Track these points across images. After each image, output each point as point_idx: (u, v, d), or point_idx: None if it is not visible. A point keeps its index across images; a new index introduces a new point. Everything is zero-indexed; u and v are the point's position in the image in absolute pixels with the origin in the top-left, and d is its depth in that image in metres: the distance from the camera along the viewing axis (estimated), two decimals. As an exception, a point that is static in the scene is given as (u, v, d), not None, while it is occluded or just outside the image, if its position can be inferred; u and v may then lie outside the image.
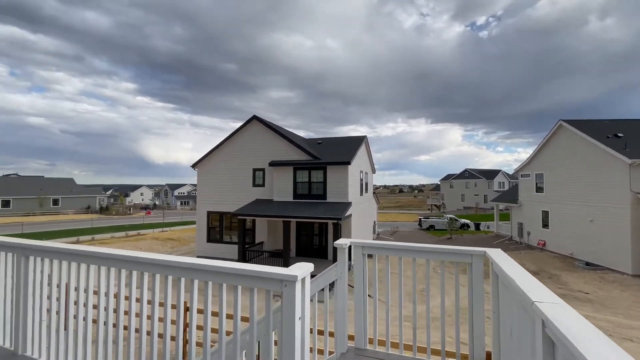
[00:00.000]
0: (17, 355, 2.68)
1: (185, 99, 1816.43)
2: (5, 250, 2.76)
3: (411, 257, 2.79)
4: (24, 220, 39.53)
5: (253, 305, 1.96)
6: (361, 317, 2.92)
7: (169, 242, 26.76)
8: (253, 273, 1.88)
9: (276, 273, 1.82)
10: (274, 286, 1.86)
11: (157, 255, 2.22)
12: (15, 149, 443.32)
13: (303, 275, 1.87)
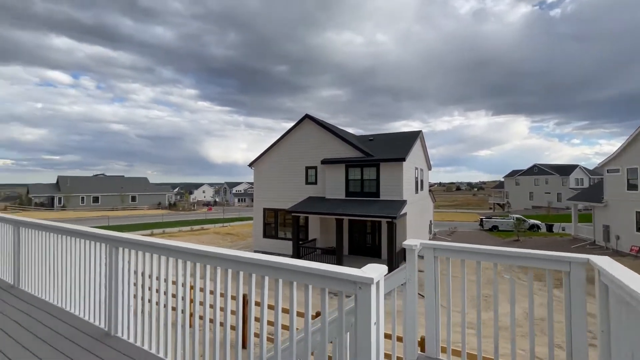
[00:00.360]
0: (110, 335, 2.98)
1: (241, 102, 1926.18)
2: (100, 241, 3.09)
3: (492, 261, 2.50)
4: (109, 214, 45.35)
5: (324, 306, 1.90)
6: (433, 323, 2.70)
7: (228, 236, 28.54)
8: (325, 273, 1.81)
9: (350, 274, 1.73)
10: (347, 288, 1.77)
11: (231, 251, 2.27)
12: (102, 152, 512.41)
13: (378, 278, 1.75)
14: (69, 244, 3.48)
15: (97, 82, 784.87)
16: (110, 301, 2.98)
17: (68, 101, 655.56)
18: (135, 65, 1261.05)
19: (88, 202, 57.96)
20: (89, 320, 3.24)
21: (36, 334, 3.02)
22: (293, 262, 1.95)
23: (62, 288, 3.61)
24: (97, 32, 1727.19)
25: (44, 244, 3.84)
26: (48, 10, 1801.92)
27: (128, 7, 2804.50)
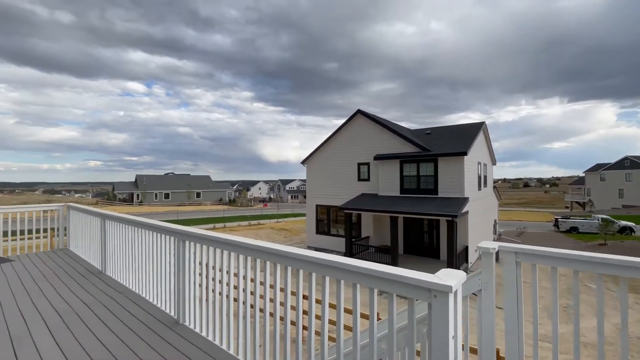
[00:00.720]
0: (179, 323, 3.16)
1: (293, 101, 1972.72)
2: (169, 235, 3.29)
3: (597, 271, 2.07)
4: (178, 209, 50.02)
5: (392, 312, 1.72)
6: (515, 339, 2.35)
7: (282, 231, 29.51)
8: (394, 277, 1.63)
9: (424, 280, 1.53)
10: (420, 295, 1.57)
11: (291, 248, 2.21)
12: (171, 153, 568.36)
13: (457, 286, 1.52)
14: (144, 236, 3.78)
15: (166, 89, 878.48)
16: (179, 291, 3.15)
17: (143, 108, 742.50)
18: (198, 72, 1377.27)
19: (160, 198, 64.63)
20: (162, 308, 3.48)
21: (119, 317, 3.33)
22: (358, 263, 1.80)
23: (139, 276, 3.94)
24: (166, 44, 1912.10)
25: (124, 236, 4.24)
26: (126, 28, 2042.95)
27: (191, 19, 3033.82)
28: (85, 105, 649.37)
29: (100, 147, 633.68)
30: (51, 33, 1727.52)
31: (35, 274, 4.85)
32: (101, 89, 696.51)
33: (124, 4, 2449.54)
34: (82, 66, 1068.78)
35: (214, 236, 2.78)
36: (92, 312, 3.47)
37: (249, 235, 26.49)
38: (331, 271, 1.92)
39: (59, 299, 3.84)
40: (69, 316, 3.37)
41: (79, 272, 4.91)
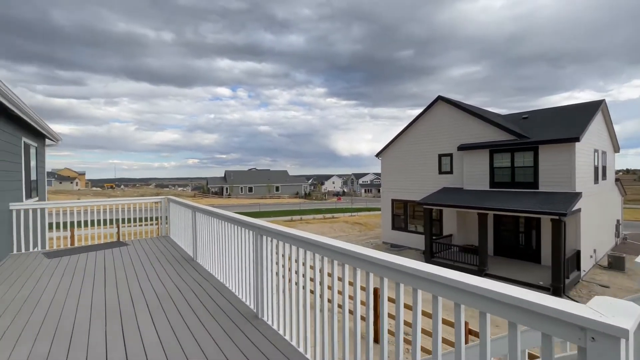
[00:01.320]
0: (257, 317, 3.15)
1: (365, 94, 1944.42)
2: (248, 229, 3.30)
3: None
4: (260, 202, 54.05)
5: (516, 349, 1.28)
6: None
7: (356, 225, 29.32)
8: (520, 303, 1.19)
9: (574, 314, 1.06)
10: (564, 333, 1.10)
11: (376, 253, 1.91)
12: (254, 150, 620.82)
13: (634, 327, 1.01)
14: (226, 228, 3.92)
15: (248, 92, 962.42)
16: (258, 285, 3.14)
17: (229, 110, 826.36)
18: (275, 73, 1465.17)
19: (245, 191, 70.87)
20: (243, 300, 3.55)
21: (205, 305, 3.50)
22: (463, 278, 1.40)
23: (223, 266, 4.12)
24: (247, 50, 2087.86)
25: (211, 227, 4.49)
26: (214, 39, 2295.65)
27: (268, 24, 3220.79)
28: (184, 110, 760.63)
29: (197, 146, 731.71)
30: (158, 51, 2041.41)
31: (143, 258, 5.55)
32: (196, 95, 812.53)
33: (212, 18, 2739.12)
34: (181, 77, 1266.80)
35: (290, 233, 2.64)
36: (183, 297, 3.74)
37: (324, 228, 26.99)
38: (425, 284, 1.55)
39: (159, 283, 4.26)
40: (165, 299, 3.68)
41: (176, 259, 5.45)
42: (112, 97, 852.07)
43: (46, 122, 7.74)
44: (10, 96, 4.89)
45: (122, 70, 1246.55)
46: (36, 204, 6.32)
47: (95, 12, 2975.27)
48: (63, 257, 5.61)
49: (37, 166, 8.54)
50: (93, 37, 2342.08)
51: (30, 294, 3.88)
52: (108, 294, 3.87)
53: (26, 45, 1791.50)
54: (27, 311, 3.39)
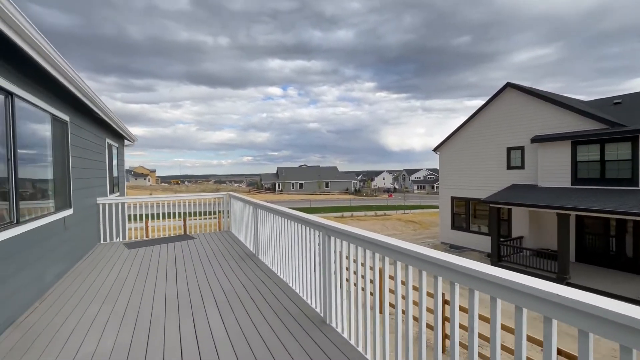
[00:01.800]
0: (325, 322, 2.97)
1: (417, 86, 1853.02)
2: (315, 228, 3.13)
3: None
4: (310, 198, 54.82)
5: None
6: None
7: (410, 224, 28.14)
8: None
9: None
10: None
11: (454, 258, 1.60)
12: (304, 147, 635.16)
13: None
14: (289, 226, 3.81)
15: (298, 90, 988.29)
16: (325, 288, 2.96)
17: (280, 109, 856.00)
18: (324, 70, 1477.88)
19: (296, 187, 72.55)
20: (308, 302, 3.41)
21: (271, 305, 3.43)
22: (566, 291, 1.04)
23: (286, 265, 4.04)
24: (297, 49, 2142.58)
25: (273, 224, 4.45)
26: (266, 40, 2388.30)
27: (316, 21, 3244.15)
28: (239, 111, 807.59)
29: (251, 144, 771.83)
30: (215, 56, 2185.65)
31: (209, 252, 5.76)
32: (249, 96, 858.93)
33: (263, 20, 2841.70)
34: (236, 79, 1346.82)
35: (362, 235, 2.40)
36: (248, 295, 3.72)
37: (376, 226, 26.37)
38: (508, 294, 1.23)
39: (224, 278, 4.34)
40: (232, 296, 3.70)
41: (238, 254, 5.56)
42: (176, 101, 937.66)
43: (124, 124, 8.52)
44: (98, 103, 5.37)
45: (184, 75, 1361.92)
46: (118, 199, 6.97)
47: (162, 25, 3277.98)
48: (140, 248, 6.07)
49: (118, 164, 9.48)
50: (161, 47, 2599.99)
51: (114, 282, 4.20)
52: (179, 286, 4.02)
53: (108, 58, 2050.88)
54: (111, 299, 3.64)
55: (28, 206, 3.59)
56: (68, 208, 4.77)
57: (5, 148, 3.11)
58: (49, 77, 3.67)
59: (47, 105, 4.05)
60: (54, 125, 4.34)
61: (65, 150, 4.76)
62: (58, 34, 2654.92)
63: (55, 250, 4.23)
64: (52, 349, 2.61)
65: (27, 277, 3.41)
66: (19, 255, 3.26)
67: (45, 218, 3.92)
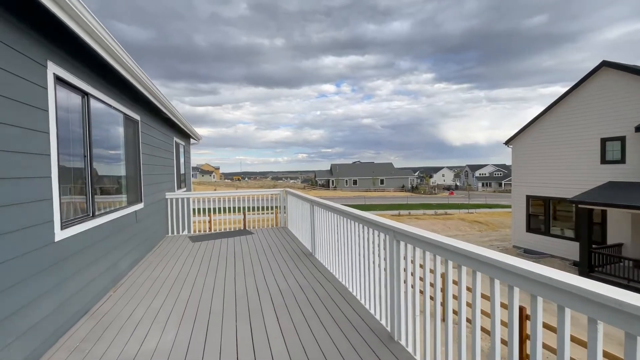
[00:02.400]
0: (393, 340, 2.58)
1: (481, 75, 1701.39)
2: (380, 230, 2.75)
3: None
4: (364, 195, 53.97)
5: None
6: None
7: (475, 224, 25.87)
8: None
9: None
10: None
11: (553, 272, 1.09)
12: (357, 143, 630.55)
13: None
14: (350, 226, 3.48)
15: (351, 86, 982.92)
16: (392, 300, 2.57)
17: (334, 106, 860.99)
18: (378, 64, 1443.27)
19: (350, 184, 72.10)
20: (372, 313, 3.04)
21: (330, 311, 3.14)
22: None
23: (346, 268, 3.72)
24: (351, 45, 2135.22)
25: (331, 223, 4.16)
26: (319, 38, 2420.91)
27: (371, 14, 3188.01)
28: (294, 109, 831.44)
29: (305, 142, 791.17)
30: (272, 57, 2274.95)
31: (266, 248, 5.72)
32: (304, 94, 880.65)
33: (317, 18, 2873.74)
34: (291, 79, 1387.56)
35: (443, 243, 1.95)
36: (305, 297, 3.49)
37: (436, 226, 24.77)
38: None
39: (281, 277, 4.18)
40: (289, 297, 3.51)
41: (295, 252, 5.41)
42: (237, 102, 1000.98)
43: (190, 124, 9.01)
44: (165, 103, 5.64)
45: (244, 78, 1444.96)
46: (184, 194, 7.35)
47: (224, 32, 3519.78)
48: (203, 242, 6.29)
49: (185, 161, 10.12)
50: (223, 52, 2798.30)
51: (178, 276, 4.31)
52: (237, 284, 3.95)
53: (178, 65, 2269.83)
54: (174, 293, 3.70)
55: (103, 200, 3.81)
56: (139, 202, 5.07)
57: (81, 146, 3.29)
58: (121, 79, 3.85)
59: (119, 105, 4.29)
60: (126, 125, 4.60)
61: (136, 147, 5.05)
62: (138, 46, 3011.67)
63: (128, 242, 4.49)
64: (118, 342, 2.65)
65: (103, 267, 3.62)
66: (95, 246, 3.46)
67: (119, 212, 4.16)
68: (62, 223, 2.77)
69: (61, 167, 2.83)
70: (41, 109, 2.55)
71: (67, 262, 2.87)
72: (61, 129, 2.85)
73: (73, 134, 3.13)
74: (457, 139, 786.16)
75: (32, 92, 2.45)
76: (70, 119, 3.08)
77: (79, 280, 3.07)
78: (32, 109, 2.45)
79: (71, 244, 2.93)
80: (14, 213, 2.22)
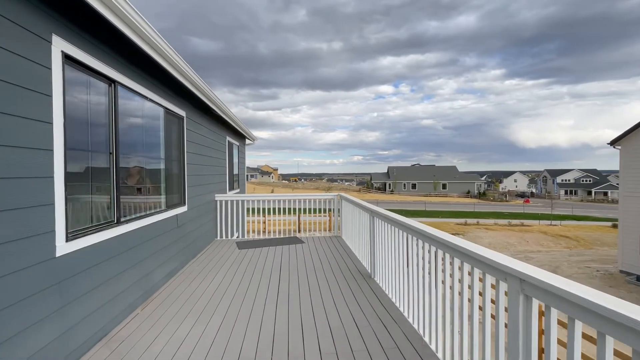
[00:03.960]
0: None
1: (563, 68, 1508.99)
2: (490, 273, 1.72)
3: None
4: (425, 199, 50.57)
5: None
6: None
7: (562, 239, 22.05)
8: None
9: None
10: None
11: None
12: (415, 145, 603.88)
13: None
14: (429, 253, 2.49)
15: (410, 86, 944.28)
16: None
17: (391, 107, 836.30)
18: (440, 61, 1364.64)
19: (408, 188, 68.57)
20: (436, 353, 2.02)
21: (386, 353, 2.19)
22: None
23: (418, 305, 2.72)
24: (409, 43, 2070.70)
25: (397, 241, 3.18)
26: (377, 39, 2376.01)
27: (432, 10, 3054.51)
28: (350, 112, 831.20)
29: (361, 144, 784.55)
30: (329, 61, 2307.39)
31: (317, 263, 4.92)
32: (361, 96, 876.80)
33: (375, 18, 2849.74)
34: (348, 81, 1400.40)
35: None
36: (362, 342, 2.58)
37: (512, 239, 21.69)
38: None
39: (333, 307, 3.32)
40: (340, 340, 2.64)
41: (350, 270, 4.51)
42: (295, 106, 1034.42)
43: (245, 125, 8.70)
44: (212, 98, 5.23)
45: (302, 82, 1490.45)
46: (235, 196, 6.95)
47: (284, 38, 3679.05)
48: (249, 250, 5.76)
49: (239, 162, 9.91)
50: (283, 58, 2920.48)
51: (214, 293, 3.73)
52: (279, 314, 3.20)
53: (243, 73, 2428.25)
54: (205, 319, 3.08)
55: (135, 203, 3.38)
56: (182, 205, 4.66)
57: (106, 141, 2.84)
58: (160, 69, 3.39)
59: (158, 98, 3.87)
60: (168, 120, 4.19)
61: (180, 145, 4.67)
62: (208, 58, 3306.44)
63: (166, 250, 4.06)
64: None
65: (129, 280, 3.16)
66: (119, 257, 3.00)
67: (154, 216, 3.72)
68: (68, 233, 2.28)
69: (76, 166, 2.36)
70: (42, 93, 2.07)
71: (75, 280, 2.38)
72: (74, 119, 2.38)
73: (94, 127, 2.68)
74: (531, 140, 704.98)
75: (29, 71, 1.97)
76: (90, 109, 2.63)
77: (94, 299, 2.59)
78: (28, 93, 1.96)
79: (81, 258, 2.45)
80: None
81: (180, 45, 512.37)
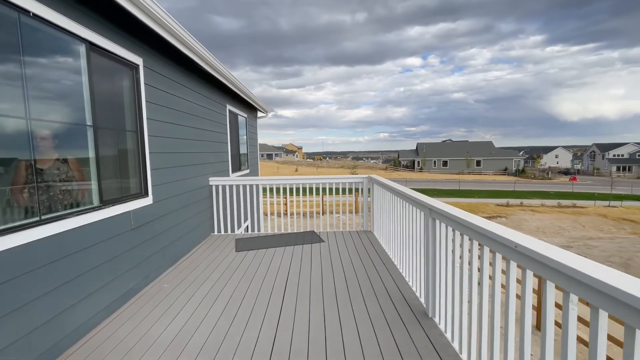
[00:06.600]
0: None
1: (614, 30, 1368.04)
2: None
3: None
4: (457, 178, 47.32)
5: None
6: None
7: (625, 223, 19.09)
8: None
9: None
10: None
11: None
12: (445, 121, 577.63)
13: None
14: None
15: (440, 57, 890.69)
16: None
17: (419, 80, 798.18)
18: (472, 29, 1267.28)
19: (439, 166, 64.92)
20: None
21: None
22: None
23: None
24: (439, 11, 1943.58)
25: (476, 262, 1.52)
26: (404, 7, 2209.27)
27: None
28: (376, 87, 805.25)
29: (387, 120, 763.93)
30: (353, 34, 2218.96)
31: (339, 279, 3.36)
32: (387, 70, 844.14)
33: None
34: (373, 55, 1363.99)
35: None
36: None
37: (565, 222, 19.05)
38: None
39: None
40: None
41: (391, 298, 2.91)
42: (319, 83, 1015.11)
43: (252, 92, 7.11)
44: (192, 45, 3.65)
45: (325, 58, 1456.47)
46: (237, 179, 5.47)
47: (305, 12, 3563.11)
48: (249, 252, 4.31)
49: (248, 137, 8.41)
50: (305, 33, 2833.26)
51: (178, 335, 2.30)
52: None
53: (265, 51, 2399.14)
54: None
55: (24, 202, 1.94)
56: (142, 196, 3.23)
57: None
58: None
59: (78, 27, 2.33)
60: (100, 64, 2.67)
61: (135, 108, 3.16)
62: (231, 37, 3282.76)
63: (101, 272, 2.66)
64: None
65: (39, 318, 1.77)
66: (19, 287, 1.58)
67: (71, 219, 2.29)
68: None
69: None
70: None
71: None
72: None
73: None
74: (574, 112, 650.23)
75: None
76: None
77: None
78: None
79: None
80: None
81: (203, 25, 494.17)
